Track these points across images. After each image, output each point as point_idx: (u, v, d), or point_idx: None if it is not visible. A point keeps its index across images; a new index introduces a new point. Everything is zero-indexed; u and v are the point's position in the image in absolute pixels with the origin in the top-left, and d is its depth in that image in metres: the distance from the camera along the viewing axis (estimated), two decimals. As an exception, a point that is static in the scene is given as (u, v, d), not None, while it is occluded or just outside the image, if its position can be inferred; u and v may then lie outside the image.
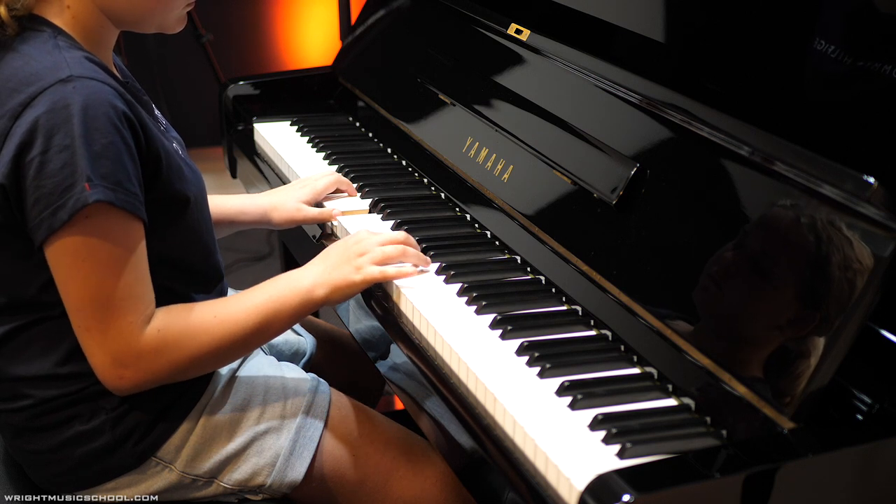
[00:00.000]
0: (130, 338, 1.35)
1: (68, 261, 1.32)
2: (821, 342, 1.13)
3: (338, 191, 1.88)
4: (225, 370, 1.52)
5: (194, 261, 1.51)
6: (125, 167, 1.32)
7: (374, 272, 1.48)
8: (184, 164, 1.47)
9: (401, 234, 1.56)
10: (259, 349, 1.66)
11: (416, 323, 1.47)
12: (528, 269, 1.59)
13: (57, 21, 1.39)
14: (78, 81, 1.31)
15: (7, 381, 1.44)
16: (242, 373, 1.54)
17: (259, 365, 1.58)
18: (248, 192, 2.32)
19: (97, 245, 1.32)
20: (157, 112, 1.54)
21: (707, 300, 1.28)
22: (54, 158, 1.29)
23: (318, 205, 1.83)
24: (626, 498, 1.02)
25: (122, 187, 1.31)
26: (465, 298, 1.49)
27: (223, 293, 1.60)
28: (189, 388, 1.47)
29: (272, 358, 1.64)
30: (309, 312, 1.48)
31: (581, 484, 1.09)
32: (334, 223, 1.77)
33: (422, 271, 1.56)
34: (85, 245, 1.31)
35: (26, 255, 1.36)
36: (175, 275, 1.46)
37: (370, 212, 1.81)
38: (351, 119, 2.30)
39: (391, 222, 1.76)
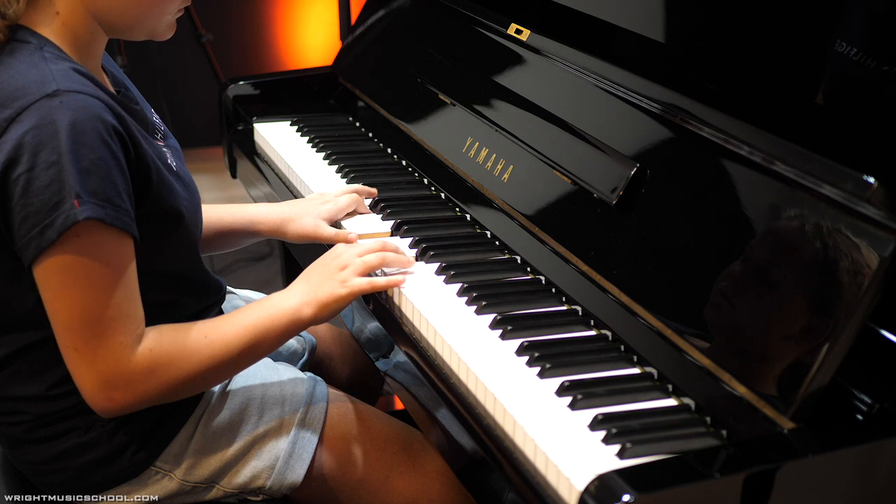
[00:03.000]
0: (121, 358, 1.32)
1: (57, 279, 1.29)
2: (821, 342, 1.13)
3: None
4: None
5: (192, 273, 1.50)
6: (115, 183, 1.29)
7: (361, 283, 1.47)
8: (175, 178, 1.44)
9: (377, 242, 1.55)
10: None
11: (417, 323, 1.47)
12: (528, 269, 1.59)
13: (44, 31, 1.36)
14: (65, 96, 1.28)
15: (2, 399, 1.44)
16: (239, 377, 1.54)
17: (255, 367, 1.57)
18: (248, 192, 2.32)
19: (87, 263, 1.28)
20: (155, 118, 1.52)
21: (707, 300, 1.28)
22: (41, 175, 1.25)
23: (336, 224, 1.78)
24: (626, 498, 1.02)
25: (111, 204, 1.28)
26: (465, 298, 1.49)
27: (221, 303, 1.60)
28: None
29: (268, 359, 1.64)
30: (298, 332, 1.47)
31: (581, 484, 1.09)
32: None
33: (406, 273, 1.55)
34: (74, 263, 1.28)
35: (16, 274, 1.34)
36: (174, 287, 1.45)
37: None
38: (351, 119, 2.30)
39: (391, 222, 1.75)
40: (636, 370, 1.33)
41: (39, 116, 1.27)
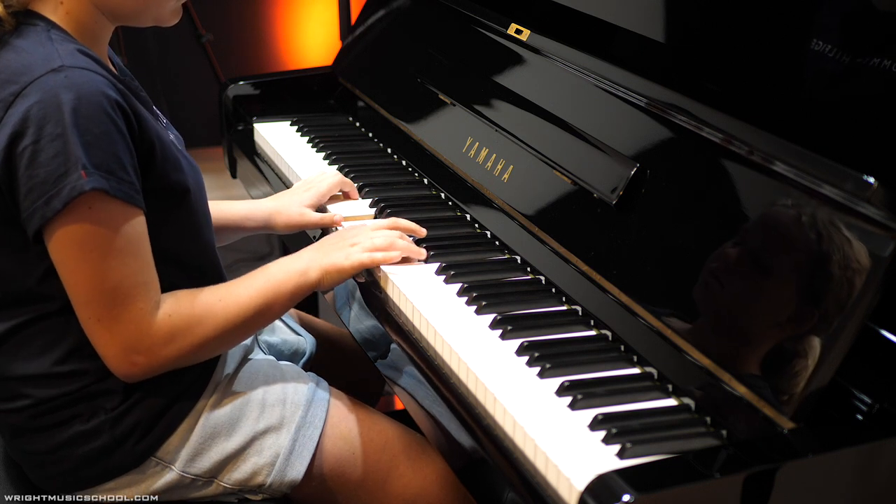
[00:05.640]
0: (142, 324, 1.36)
1: (71, 253, 1.32)
2: (820, 342, 1.13)
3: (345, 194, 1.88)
4: (225, 370, 1.53)
5: (195, 257, 1.51)
6: (118, 156, 1.32)
7: (362, 257, 1.53)
8: (181, 155, 1.47)
9: (389, 220, 1.61)
10: (258, 349, 1.66)
11: (416, 323, 1.47)
12: (528, 269, 1.59)
13: (51, 16, 1.40)
14: (69, 71, 1.31)
15: (6, 380, 1.44)
16: (242, 373, 1.55)
17: (258, 364, 1.58)
18: (248, 192, 2.32)
19: (98, 234, 1.32)
20: (156, 110, 1.54)
21: (707, 300, 1.28)
22: (46, 147, 1.29)
23: (322, 209, 1.83)
24: (626, 498, 1.02)
25: (116, 176, 1.31)
26: (465, 298, 1.49)
27: None
28: (188, 388, 1.47)
29: (272, 358, 1.65)
30: (304, 294, 1.51)
31: (581, 484, 1.09)
32: (339, 229, 1.77)
33: (407, 259, 1.58)
34: (86, 235, 1.31)
35: (23, 247, 1.36)
36: (175, 270, 1.46)
37: (375, 217, 1.80)
38: (351, 119, 2.30)
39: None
40: (636, 370, 1.33)
41: (44, 91, 1.30)
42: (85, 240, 1.32)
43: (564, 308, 1.48)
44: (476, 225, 1.75)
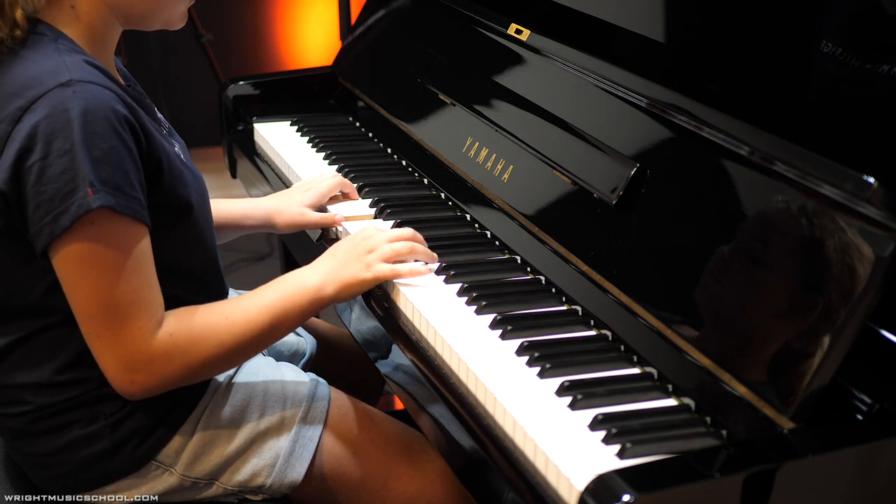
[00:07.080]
0: (142, 343, 1.34)
1: (75, 268, 1.31)
2: (821, 342, 1.13)
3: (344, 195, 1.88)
4: (224, 373, 1.52)
5: (198, 267, 1.51)
6: (126, 172, 1.31)
7: (384, 269, 1.49)
8: (185, 168, 1.46)
9: (408, 231, 1.57)
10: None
11: (416, 323, 1.47)
12: (528, 269, 1.59)
13: (59, 24, 1.39)
14: (78, 85, 1.30)
15: (5, 387, 1.44)
16: (241, 374, 1.54)
17: (258, 366, 1.58)
18: (248, 193, 2.32)
19: (102, 251, 1.31)
20: (159, 116, 1.54)
21: (707, 300, 1.28)
22: (54, 164, 1.28)
23: (322, 209, 1.83)
24: (626, 498, 1.02)
25: (123, 192, 1.30)
26: (465, 298, 1.49)
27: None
28: (188, 392, 1.47)
29: (270, 359, 1.64)
30: (319, 310, 1.48)
31: (581, 484, 1.09)
32: (339, 229, 1.77)
33: (431, 269, 1.56)
34: (90, 252, 1.30)
35: (28, 260, 1.35)
36: (178, 281, 1.45)
37: (375, 217, 1.81)
38: (351, 119, 2.30)
39: (391, 222, 1.76)
40: (636, 370, 1.33)
41: (52, 105, 1.29)
42: (89, 256, 1.31)
43: (564, 308, 1.48)
44: (476, 225, 1.75)
